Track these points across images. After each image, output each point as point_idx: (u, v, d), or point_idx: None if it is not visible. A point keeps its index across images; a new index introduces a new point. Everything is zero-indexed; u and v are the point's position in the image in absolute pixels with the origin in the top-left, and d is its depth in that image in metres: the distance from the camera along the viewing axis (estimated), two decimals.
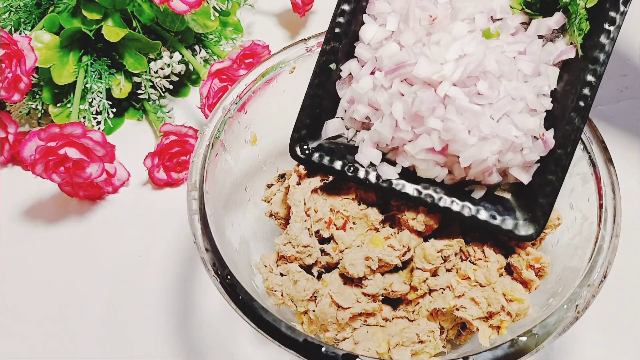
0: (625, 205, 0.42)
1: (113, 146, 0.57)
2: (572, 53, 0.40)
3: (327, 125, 0.44)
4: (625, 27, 0.41)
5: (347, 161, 0.43)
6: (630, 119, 0.65)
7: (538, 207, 0.41)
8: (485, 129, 0.39)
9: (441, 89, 0.39)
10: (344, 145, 0.44)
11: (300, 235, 0.43)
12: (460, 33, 0.40)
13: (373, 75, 0.42)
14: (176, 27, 0.65)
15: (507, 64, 0.40)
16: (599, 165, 0.43)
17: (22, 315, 0.54)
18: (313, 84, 0.43)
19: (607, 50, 0.39)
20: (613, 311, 0.52)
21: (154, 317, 0.53)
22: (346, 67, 0.43)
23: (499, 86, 0.39)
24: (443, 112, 0.39)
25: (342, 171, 0.43)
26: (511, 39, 0.41)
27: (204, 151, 0.44)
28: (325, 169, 0.44)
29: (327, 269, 0.44)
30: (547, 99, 0.41)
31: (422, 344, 0.41)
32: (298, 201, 0.43)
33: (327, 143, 0.44)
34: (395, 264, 0.42)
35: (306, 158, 0.44)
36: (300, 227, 0.43)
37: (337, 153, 0.44)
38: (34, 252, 0.58)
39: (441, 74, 0.39)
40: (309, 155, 0.44)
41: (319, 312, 0.42)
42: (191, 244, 0.57)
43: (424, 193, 0.42)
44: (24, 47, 0.56)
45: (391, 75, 0.40)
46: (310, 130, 0.44)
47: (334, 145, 0.44)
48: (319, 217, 0.43)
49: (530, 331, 0.37)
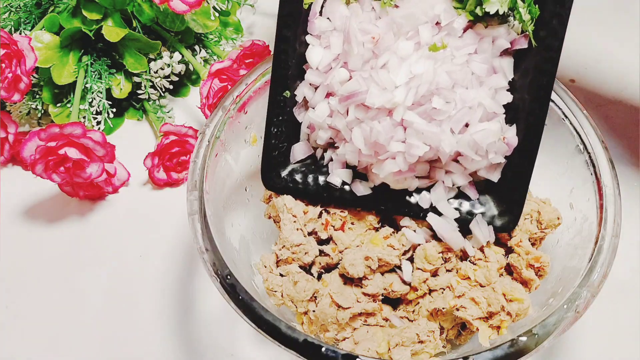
0: (625, 205, 0.42)
1: (113, 146, 0.57)
2: (524, 43, 0.40)
3: (294, 150, 0.44)
4: (625, 27, 0.41)
5: (320, 184, 0.43)
6: (630, 119, 0.65)
7: (511, 199, 0.42)
8: (447, 147, 0.39)
9: (397, 114, 0.39)
10: (316, 165, 0.44)
11: (292, 236, 0.43)
12: (406, 52, 0.39)
13: (328, 99, 0.42)
14: (176, 27, 0.65)
15: (460, 71, 0.39)
16: (599, 165, 0.43)
17: (22, 315, 0.54)
18: (270, 117, 0.43)
19: (560, 35, 0.38)
20: (613, 311, 0.52)
21: (154, 317, 0.53)
22: (300, 91, 0.43)
23: (454, 97, 0.39)
24: (403, 134, 0.39)
25: (316, 195, 0.44)
26: (460, 42, 0.40)
27: (204, 151, 0.44)
28: (301, 195, 0.44)
29: (327, 269, 0.44)
30: (506, 93, 0.41)
31: (422, 344, 0.41)
32: (282, 206, 0.44)
33: (299, 166, 0.44)
34: (395, 263, 0.42)
35: (280, 187, 0.44)
36: (291, 228, 0.43)
37: (308, 177, 0.44)
38: (34, 252, 0.58)
39: (393, 101, 0.38)
40: (282, 184, 0.44)
41: (319, 312, 0.42)
42: (191, 244, 0.57)
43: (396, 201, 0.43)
44: (24, 47, 0.56)
45: (345, 102, 0.40)
46: (279, 161, 0.44)
47: (306, 167, 0.44)
48: (310, 217, 0.44)
49: (530, 331, 0.37)
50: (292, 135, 0.44)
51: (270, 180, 0.45)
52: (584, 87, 0.68)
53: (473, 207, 0.43)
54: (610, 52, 0.70)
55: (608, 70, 0.69)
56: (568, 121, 0.45)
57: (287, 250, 0.43)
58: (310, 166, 0.44)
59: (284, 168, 0.44)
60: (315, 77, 0.42)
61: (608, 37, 0.71)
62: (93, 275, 0.56)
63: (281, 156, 0.44)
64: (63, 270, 0.56)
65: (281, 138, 0.44)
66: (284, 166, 0.44)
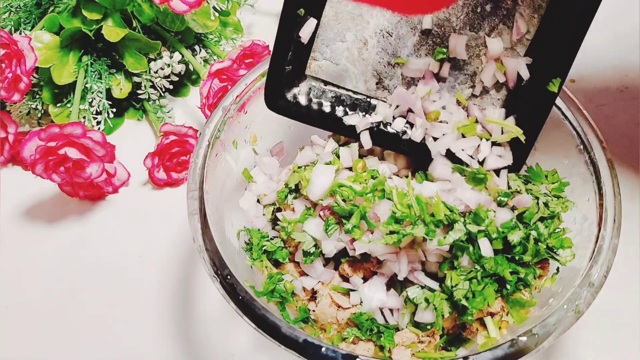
0: (625, 205, 0.42)
1: (113, 146, 0.57)
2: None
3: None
4: (624, 27, 0.41)
5: (324, 111, 0.43)
6: (630, 119, 0.65)
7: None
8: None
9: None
10: (322, 90, 0.44)
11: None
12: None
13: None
14: (176, 27, 0.65)
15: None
16: (599, 165, 0.43)
17: (22, 315, 0.54)
18: (281, 35, 0.41)
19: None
20: (613, 311, 0.52)
21: (154, 317, 0.53)
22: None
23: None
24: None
25: (319, 121, 0.44)
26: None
27: (204, 151, 0.44)
28: (304, 119, 0.44)
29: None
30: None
31: (422, 344, 0.41)
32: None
33: (306, 89, 0.44)
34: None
35: (283, 108, 0.44)
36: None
37: (313, 102, 0.43)
38: (34, 252, 0.58)
39: None
40: (285, 106, 0.43)
41: (319, 312, 0.42)
42: (191, 244, 0.57)
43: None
44: (24, 47, 0.56)
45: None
46: (284, 82, 0.43)
47: (311, 91, 0.44)
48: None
49: (530, 331, 0.37)
50: (301, 57, 0.43)
51: (274, 101, 0.44)
52: (584, 87, 0.68)
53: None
54: (610, 52, 0.70)
55: (608, 70, 0.69)
56: (568, 121, 0.45)
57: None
58: (315, 91, 0.44)
59: (288, 90, 0.44)
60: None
61: (608, 37, 0.71)
62: (93, 275, 0.56)
63: (287, 77, 0.43)
64: (63, 270, 0.56)
65: (289, 58, 0.42)
66: (289, 88, 0.44)
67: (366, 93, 0.44)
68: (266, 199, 0.47)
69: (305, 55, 0.43)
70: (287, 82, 0.43)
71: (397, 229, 0.39)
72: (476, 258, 0.39)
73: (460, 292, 0.39)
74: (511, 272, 0.40)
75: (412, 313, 0.41)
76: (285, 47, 0.42)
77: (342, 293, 0.42)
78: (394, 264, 0.40)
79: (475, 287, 0.39)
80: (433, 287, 0.40)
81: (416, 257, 0.40)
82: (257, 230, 0.46)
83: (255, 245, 0.45)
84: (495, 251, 0.40)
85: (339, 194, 0.41)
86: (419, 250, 0.40)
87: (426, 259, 0.40)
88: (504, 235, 0.39)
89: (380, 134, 0.44)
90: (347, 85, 0.44)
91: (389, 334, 0.41)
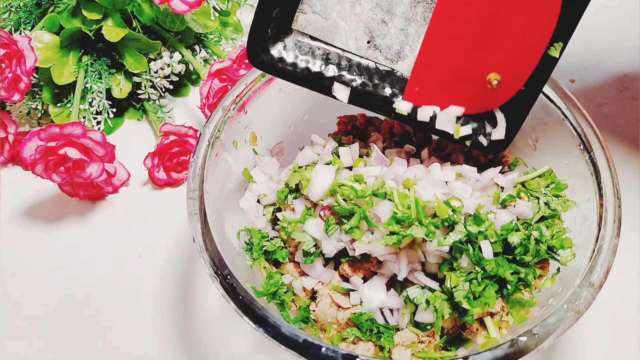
0: (625, 205, 0.42)
1: (113, 146, 0.57)
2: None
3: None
4: (625, 27, 0.41)
5: (311, 71, 0.41)
6: (630, 119, 0.65)
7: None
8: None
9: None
10: (309, 48, 0.42)
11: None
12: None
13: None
14: (176, 27, 0.65)
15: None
16: (599, 165, 0.43)
17: (22, 315, 0.54)
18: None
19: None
20: (613, 311, 0.52)
21: (154, 317, 0.53)
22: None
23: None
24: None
25: (305, 81, 0.41)
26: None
27: (204, 151, 0.44)
28: (289, 77, 0.42)
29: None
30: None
31: (422, 344, 0.41)
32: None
33: (292, 45, 0.41)
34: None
35: (267, 64, 0.41)
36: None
37: (299, 59, 0.41)
38: (34, 252, 0.58)
39: None
40: (269, 62, 0.41)
41: (319, 312, 0.42)
42: (191, 244, 0.57)
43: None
44: (24, 47, 0.56)
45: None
46: (268, 35, 0.41)
47: (298, 49, 0.41)
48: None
49: (530, 331, 0.37)
50: (288, 9, 0.41)
51: (257, 56, 0.41)
52: (584, 87, 0.68)
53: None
54: (610, 52, 0.70)
55: (608, 70, 0.69)
56: (568, 121, 0.45)
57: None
58: (302, 47, 0.42)
59: (273, 44, 0.41)
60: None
61: (608, 37, 0.71)
62: (93, 275, 0.56)
63: (272, 30, 0.41)
64: (63, 270, 0.56)
65: (276, 10, 0.40)
66: (274, 42, 0.41)
67: (356, 52, 0.42)
68: (266, 199, 0.47)
69: (293, 6, 0.40)
70: (272, 35, 0.41)
71: (397, 229, 0.39)
72: (476, 260, 0.39)
73: (461, 294, 0.39)
74: (512, 273, 0.40)
75: (412, 313, 0.41)
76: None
77: (342, 293, 0.42)
78: (394, 265, 0.40)
79: (475, 288, 0.39)
80: (433, 287, 0.40)
81: (416, 257, 0.40)
82: (257, 231, 0.46)
83: (256, 245, 0.45)
84: (496, 253, 0.40)
85: (340, 194, 0.41)
86: (419, 250, 0.40)
87: (426, 259, 0.40)
88: (504, 238, 0.39)
89: (369, 94, 0.42)
90: (336, 43, 0.41)
91: (389, 334, 0.41)
